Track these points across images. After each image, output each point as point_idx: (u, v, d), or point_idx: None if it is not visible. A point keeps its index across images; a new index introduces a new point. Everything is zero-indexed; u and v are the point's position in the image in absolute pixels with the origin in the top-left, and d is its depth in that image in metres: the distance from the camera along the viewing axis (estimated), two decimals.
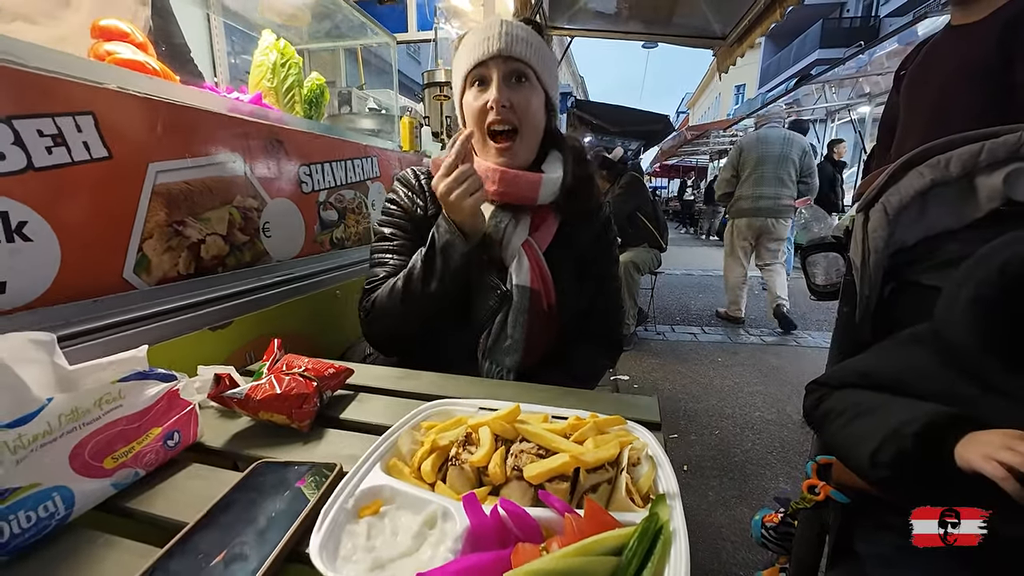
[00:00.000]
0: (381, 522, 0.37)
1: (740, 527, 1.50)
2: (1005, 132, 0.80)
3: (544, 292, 0.82)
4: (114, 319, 0.64)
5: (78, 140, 0.62)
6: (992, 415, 0.54)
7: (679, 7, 3.35)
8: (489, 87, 0.76)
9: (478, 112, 0.77)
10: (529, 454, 0.42)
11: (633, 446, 0.43)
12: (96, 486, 0.43)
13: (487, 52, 0.74)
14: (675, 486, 0.39)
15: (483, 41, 0.75)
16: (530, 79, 0.77)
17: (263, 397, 0.54)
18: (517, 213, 0.81)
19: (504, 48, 0.74)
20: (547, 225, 0.84)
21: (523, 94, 0.77)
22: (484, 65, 0.75)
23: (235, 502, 0.42)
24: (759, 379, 2.69)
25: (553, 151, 0.86)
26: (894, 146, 1.51)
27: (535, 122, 0.80)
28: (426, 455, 0.44)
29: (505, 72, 0.75)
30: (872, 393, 0.69)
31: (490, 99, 0.74)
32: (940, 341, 0.64)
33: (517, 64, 0.76)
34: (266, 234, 1.00)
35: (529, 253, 0.81)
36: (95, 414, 0.45)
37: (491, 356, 0.80)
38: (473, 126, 0.78)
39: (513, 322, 0.79)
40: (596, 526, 0.34)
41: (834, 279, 1.08)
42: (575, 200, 0.86)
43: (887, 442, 0.56)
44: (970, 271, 0.62)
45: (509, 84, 0.76)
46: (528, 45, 0.76)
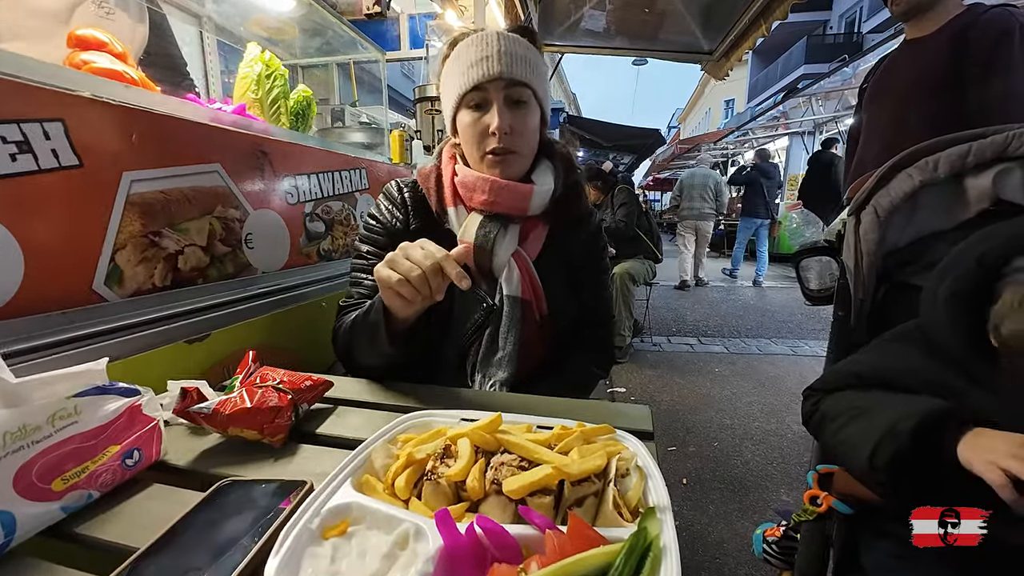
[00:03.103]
0: (348, 543, 0.34)
1: (742, 541, 1.45)
2: (992, 132, 0.80)
3: (536, 302, 0.79)
4: (80, 332, 0.61)
5: (46, 147, 0.60)
6: (981, 406, 0.53)
7: (666, 24, 3.43)
8: (488, 111, 0.72)
9: (477, 135, 0.74)
10: (510, 467, 0.39)
11: (621, 456, 0.41)
12: (42, 510, 0.40)
13: (487, 74, 0.70)
14: (666, 498, 0.36)
15: (481, 61, 0.71)
16: (528, 100, 0.75)
17: (232, 411, 0.51)
18: (506, 223, 0.78)
19: (505, 71, 0.70)
20: (536, 234, 0.82)
21: (522, 117, 0.74)
22: (482, 88, 0.72)
23: (193, 524, 0.39)
24: (757, 389, 2.66)
25: (543, 160, 0.83)
26: (857, 153, 1.55)
27: (533, 142, 0.78)
28: (401, 470, 0.41)
29: (505, 96, 0.72)
30: (866, 393, 0.67)
31: (492, 126, 0.71)
32: (926, 338, 0.64)
33: (517, 88, 0.73)
34: (248, 245, 0.97)
35: (519, 263, 0.79)
36: (47, 431, 0.41)
37: (482, 370, 0.77)
38: (470, 145, 0.76)
39: (505, 334, 0.77)
40: (580, 543, 0.31)
41: (828, 283, 1.07)
42: (565, 208, 0.84)
43: (884, 441, 0.54)
44: (947, 268, 0.62)
45: (509, 107, 0.73)
46: (527, 64, 0.73)
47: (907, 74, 1.37)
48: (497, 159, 0.75)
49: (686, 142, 11.38)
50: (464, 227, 0.77)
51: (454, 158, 0.82)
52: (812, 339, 3.59)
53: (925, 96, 1.30)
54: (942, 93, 1.27)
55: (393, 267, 0.58)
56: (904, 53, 1.43)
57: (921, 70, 1.32)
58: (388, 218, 0.82)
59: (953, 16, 1.29)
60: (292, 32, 1.78)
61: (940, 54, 1.28)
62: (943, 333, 0.61)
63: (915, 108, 1.32)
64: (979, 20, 1.23)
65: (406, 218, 0.82)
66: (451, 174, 0.80)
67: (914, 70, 1.34)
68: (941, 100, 1.27)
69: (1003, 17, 1.21)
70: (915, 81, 1.33)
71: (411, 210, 0.82)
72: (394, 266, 0.58)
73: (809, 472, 0.75)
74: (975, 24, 1.23)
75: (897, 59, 1.45)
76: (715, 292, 5.54)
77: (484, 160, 0.76)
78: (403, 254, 0.58)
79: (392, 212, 0.82)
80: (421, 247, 0.58)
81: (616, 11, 3.37)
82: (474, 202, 0.77)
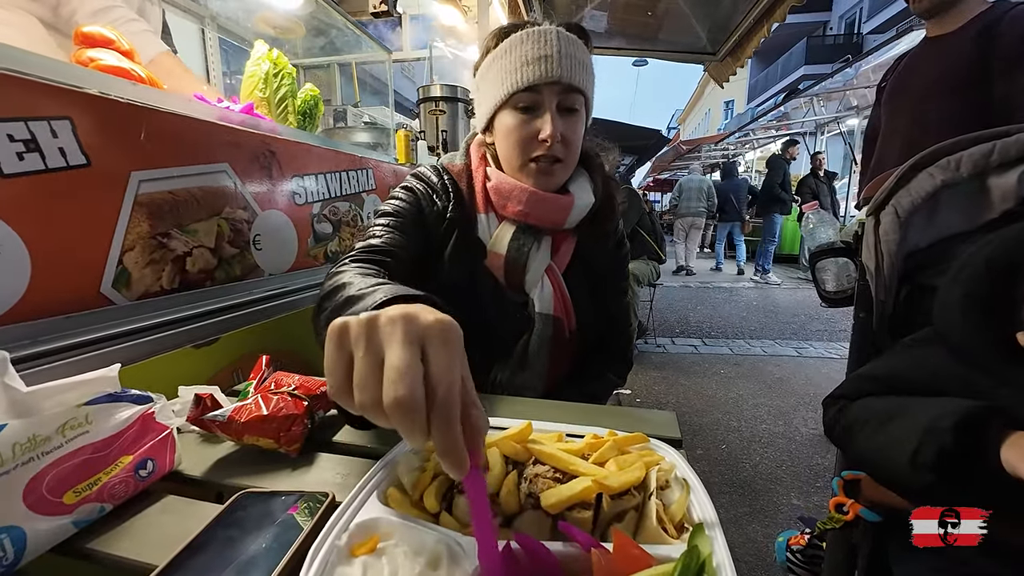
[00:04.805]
0: (379, 562, 0.33)
1: (753, 547, 1.43)
2: (1017, 131, 0.78)
3: (567, 319, 0.77)
4: (88, 336, 0.59)
5: (53, 146, 0.58)
6: (1011, 408, 0.52)
7: (668, 24, 3.42)
8: (540, 115, 0.67)
9: (523, 140, 0.68)
10: (545, 479, 0.37)
11: (660, 467, 0.39)
12: (53, 525, 0.38)
13: (543, 75, 0.64)
14: (713, 514, 0.34)
15: (540, 60, 0.64)
16: (580, 108, 0.70)
17: (248, 419, 0.49)
18: (539, 235, 0.74)
19: (565, 75, 0.65)
20: (567, 246, 0.78)
21: (574, 125, 0.69)
22: (536, 90, 0.66)
23: (211, 540, 0.37)
24: (763, 391, 2.64)
25: (581, 171, 0.78)
26: (876, 152, 1.54)
27: (578, 152, 0.73)
28: (429, 481, 0.39)
29: (559, 102, 0.67)
30: (894, 398, 0.66)
31: (544, 133, 0.66)
32: (945, 341, 0.63)
33: (572, 94, 0.67)
34: (257, 247, 0.96)
35: (552, 279, 0.75)
36: (57, 442, 0.40)
37: (508, 389, 0.75)
38: (511, 149, 0.70)
39: (536, 351, 0.74)
40: (628, 563, 0.29)
41: (845, 285, 1.05)
42: (599, 222, 0.79)
43: (926, 441, 0.52)
44: (959, 271, 0.62)
45: (562, 114, 0.68)
46: (584, 69, 0.68)
47: (929, 71, 1.35)
48: (542, 168, 0.70)
49: (687, 143, 11.37)
50: (496, 237, 0.74)
51: (484, 159, 0.77)
52: (817, 340, 3.58)
53: (948, 93, 1.29)
54: (966, 90, 1.26)
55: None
56: (926, 51, 1.41)
57: (944, 67, 1.30)
58: (425, 199, 0.74)
59: (977, 13, 1.28)
60: (300, 30, 1.76)
61: (964, 51, 1.26)
62: (959, 335, 0.60)
63: (938, 106, 1.30)
64: (1006, 16, 1.22)
65: (446, 203, 0.74)
66: (482, 178, 0.75)
67: (937, 68, 1.33)
68: (965, 97, 1.26)
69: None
70: (938, 79, 1.32)
71: (452, 199, 0.74)
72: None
73: (834, 479, 0.73)
74: (1002, 20, 1.22)
75: (918, 57, 1.44)
76: (718, 293, 5.52)
77: (526, 168, 0.70)
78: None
79: (429, 196, 0.74)
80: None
81: (618, 11, 3.36)
82: (508, 211, 0.73)
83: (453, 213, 0.73)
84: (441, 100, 2.17)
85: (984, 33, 1.24)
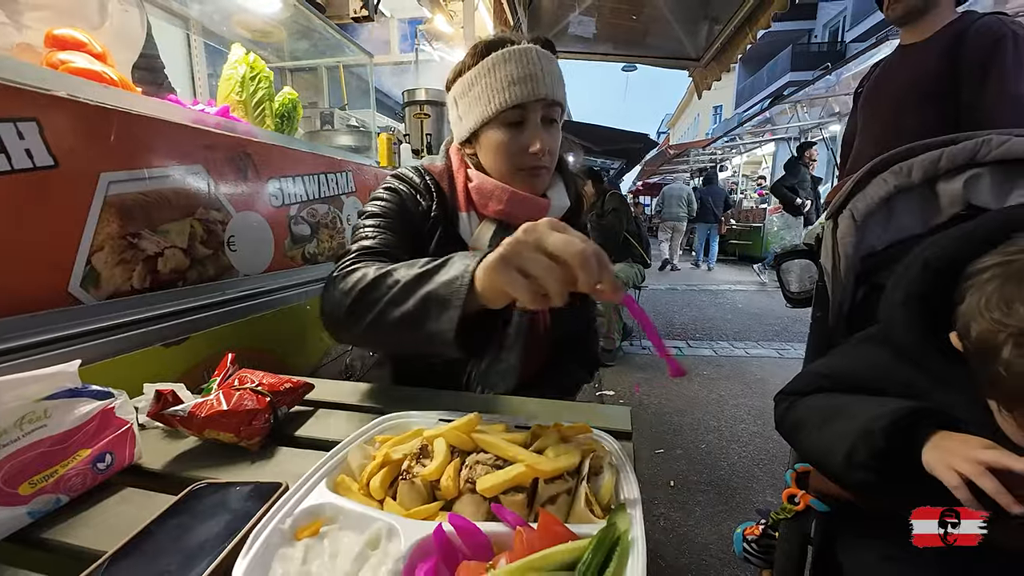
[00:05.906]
0: (320, 544, 0.34)
1: (727, 543, 1.46)
2: (964, 139, 0.82)
3: (542, 315, 0.80)
4: (53, 335, 0.60)
5: (20, 147, 0.59)
6: (946, 406, 0.55)
7: (653, 29, 3.47)
8: (527, 130, 0.71)
9: (513, 153, 0.72)
10: (485, 465, 0.39)
11: (595, 454, 0.41)
12: (8, 515, 0.39)
13: (531, 94, 0.69)
14: (636, 493, 0.37)
15: (526, 79, 0.69)
16: (558, 118, 0.75)
17: (208, 414, 0.51)
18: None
19: (549, 92, 0.70)
20: None
21: (555, 134, 0.75)
22: (523, 107, 0.70)
23: (164, 527, 0.38)
24: (744, 391, 2.69)
25: (556, 175, 0.83)
26: (852, 155, 1.58)
27: (557, 156, 0.79)
28: (376, 470, 0.41)
29: (543, 116, 0.72)
30: (838, 396, 0.68)
31: (534, 147, 0.71)
32: (889, 339, 0.66)
33: (554, 108, 0.73)
34: (231, 248, 0.97)
35: None
36: (14, 435, 0.41)
37: (483, 381, 0.77)
38: (500, 160, 0.74)
39: (510, 347, 0.77)
40: (549, 539, 0.31)
41: (808, 286, 1.09)
42: (569, 222, 0.83)
43: (860, 442, 0.55)
44: (902, 272, 0.65)
45: (545, 126, 0.73)
46: (560, 81, 0.73)
47: (903, 78, 1.38)
48: (532, 173, 0.74)
49: (676, 147, 11.51)
50: (477, 234, 0.76)
51: (465, 163, 0.80)
52: (798, 342, 3.64)
53: (920, 100, 1.32)
54: (937, 98, 1.29)
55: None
56: (899, 58, 1.44)
57: (917, 75, 1.33)
58: (409, 200, 0.76)
59: (948, 22, 1.31)
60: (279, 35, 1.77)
61: (935, 59, 1.29)
62: (902, 335, 0.63)
63: (910, 112, 1.33)
64: (973, 26, 1.26)
65: (430, 203, 0.77)
66: (464, 179, 0.78)
67: (910, 74, 1.36)
68: (936, 104, 1.29)
69: (996, 24, 1.24)
70: (910, 85, 1.35)
71: (435, 198, 0.77)
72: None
73: (787, 471, 0.76)
74: (970, 29, 1.26)
75: (892, 64, 1.47)
76: (703, 296, 5.59)
77: (517, 175, 0.75)
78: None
79: (413, 196, 0.77)
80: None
81: (604, 17, 3.41)
82: (488, 210, 0.76)
83: (437, 212, 0.76)
84: (426, 104, 2.19)
85: (954, 41, 1.27)
